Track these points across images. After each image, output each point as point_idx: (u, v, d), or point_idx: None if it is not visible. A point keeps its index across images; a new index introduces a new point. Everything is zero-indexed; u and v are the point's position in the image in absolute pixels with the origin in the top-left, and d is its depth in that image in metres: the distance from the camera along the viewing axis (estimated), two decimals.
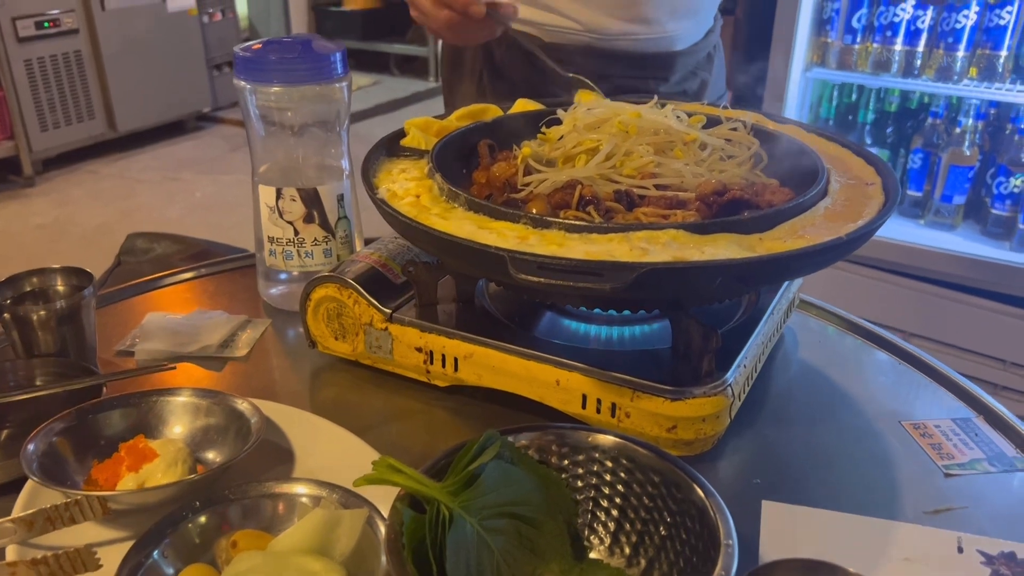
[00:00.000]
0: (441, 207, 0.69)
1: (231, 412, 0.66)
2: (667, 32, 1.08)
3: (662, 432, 0.65)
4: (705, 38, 1.14)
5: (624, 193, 0.72)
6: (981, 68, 2.05)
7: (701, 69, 1.15)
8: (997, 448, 0.69)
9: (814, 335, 0.86)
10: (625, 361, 0.68)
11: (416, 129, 0.83)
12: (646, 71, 1.08)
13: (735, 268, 0.58)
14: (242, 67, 0.81)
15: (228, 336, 0.84)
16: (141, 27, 4.29)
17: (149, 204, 3.69)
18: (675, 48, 1.10)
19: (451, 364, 0.73)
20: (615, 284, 0.55)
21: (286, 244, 0.86)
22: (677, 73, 1.12)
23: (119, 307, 0.92)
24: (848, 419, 0.73)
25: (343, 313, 0.77)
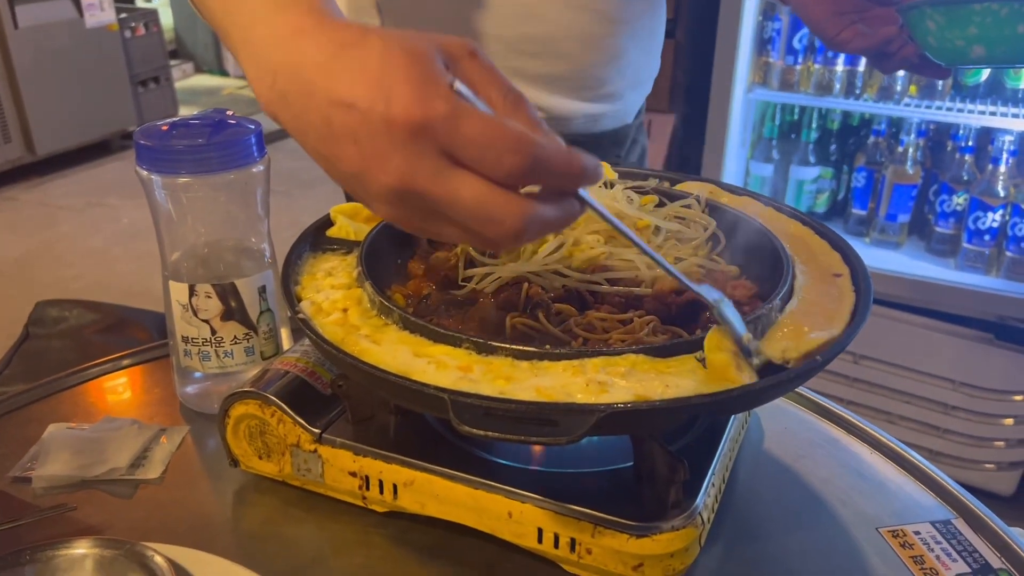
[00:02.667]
0: (372, 324, 0.61)
1: (140, 569, 0.58)
2: (625, 105, 1.03)
3: (627, 571, 0.58)
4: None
5: (575, 292, 0.66)
6: (921, 86, 2.04)
7: (639, 134, 1.10)
8: (982, 559, 0.65)
9: (779, 421, 0.81)
10: (586, 486, 0.62)
11: (343, 217, 0.75)
12: (600, 150, 1.02)
13: (703, 406, 0.52)
14: (144, 156, 0.73)
15: (140, 452, 0.75)
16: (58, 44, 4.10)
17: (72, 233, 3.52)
18: (628, 120, 1.05)
19: (390, 491, 0.65)
20: (571, 436, 0.48)
21: (202, 344, 0.77)
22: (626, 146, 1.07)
23: (17, 416, 0.83)
24: (822, 527, 0.68)
25: (267, 431, 0.69)
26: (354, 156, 0.47)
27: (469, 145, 0.44)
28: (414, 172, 0.45)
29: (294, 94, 0.48)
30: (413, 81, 0.45)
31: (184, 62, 6.39)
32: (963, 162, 2.03)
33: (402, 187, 0.46)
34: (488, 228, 0.46)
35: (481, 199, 0.45)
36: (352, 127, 0.46)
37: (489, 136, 0.44)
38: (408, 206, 0.47)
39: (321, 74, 0.47)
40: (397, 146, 0.45)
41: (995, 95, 2.03)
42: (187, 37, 6.32)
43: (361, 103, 0.45)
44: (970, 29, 0.68)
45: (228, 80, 6.32)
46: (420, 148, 0.45)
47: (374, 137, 0.45)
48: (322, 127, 0.47)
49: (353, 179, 0.48)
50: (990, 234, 1.98)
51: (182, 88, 5.71)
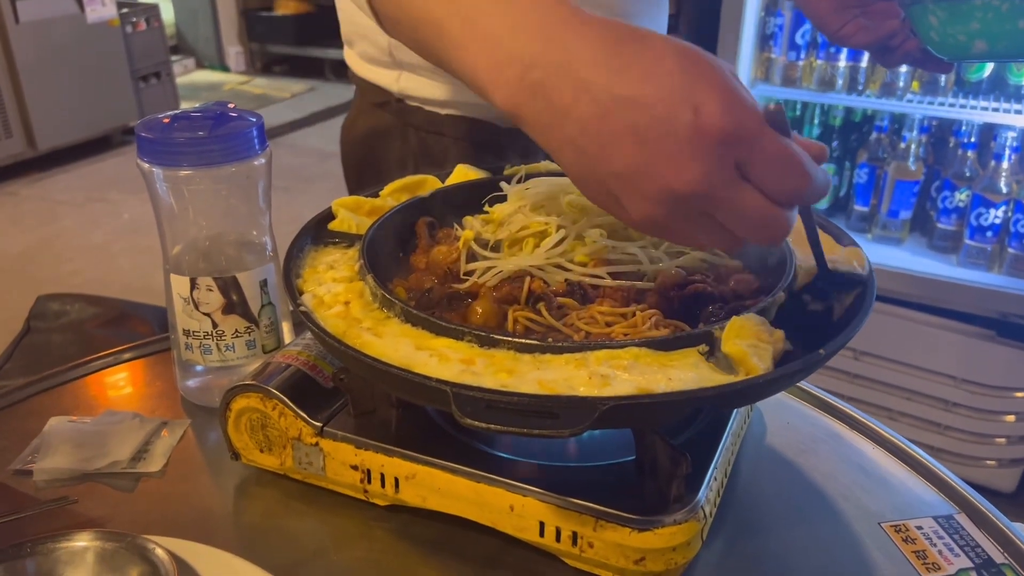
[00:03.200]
0: (373, 318, 0.61)
1: (141, 562, 0.58)
2: None
3: (629, 564, 0.58)
4: None
5: (577, 285, 0.66)
6: (924, 82, 2.04)
7: None
8: (984, 554, 0.65)
9: (781, 416, 0.81)
10: (588, 480, 0.62)
11: (345, 210, 0.75)
12: None
13: (706, 400, 0.51)
14: (146, 148, 0.72)
15: (141, 446, 0.75)
16: (59, 39, 4.10)
17: (73, 228, 3.52)
18: None
19: (391, 484, 0.65)
20: (574, 429, 0.48)
21: (203, 338, 0.77)
22: None
23: (18, 409, 0.83)
24: (825, 522, 0.68)
25: (268, 425, 0.69)
26: (634, 154, 0.47)
27: (765, 164, 0.46)
28: (711, 179, 0.46)
29: (556, 86, 0.48)
30: (722, 92, 0.45)
31: (185, 57, 6.38)
32: (965, 158, 2.02)
33: (695, 192, 0.47)
34: (761, 235, 0.49)
35: (763, 211, 0.48)
36: (640, 125, 0.46)
37: (783, 160, 0.47)
38: (679, 208, 0.48)
39: (600, 69, 0.47)
40: (698, 153, 0.46)
41: (998, 91, 2.02)
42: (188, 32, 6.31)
43: (660, 104, 0.45)
44: (972, 24, 0.68)
45: (229, 75, 6.32)
46: (721, 157, 0.46)
47: (670, 140, 0.46)
48: (592, 122, 0.47)
49: (621, 177, 0.48)
50: (992, 231, 1.98)
51: (183, 83, 5.71)
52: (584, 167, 0.50)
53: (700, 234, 0.50)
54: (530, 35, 0.49)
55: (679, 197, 0.47)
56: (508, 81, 0.50)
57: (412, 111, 1.00)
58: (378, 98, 1.03)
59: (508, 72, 0.50)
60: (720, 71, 0.47)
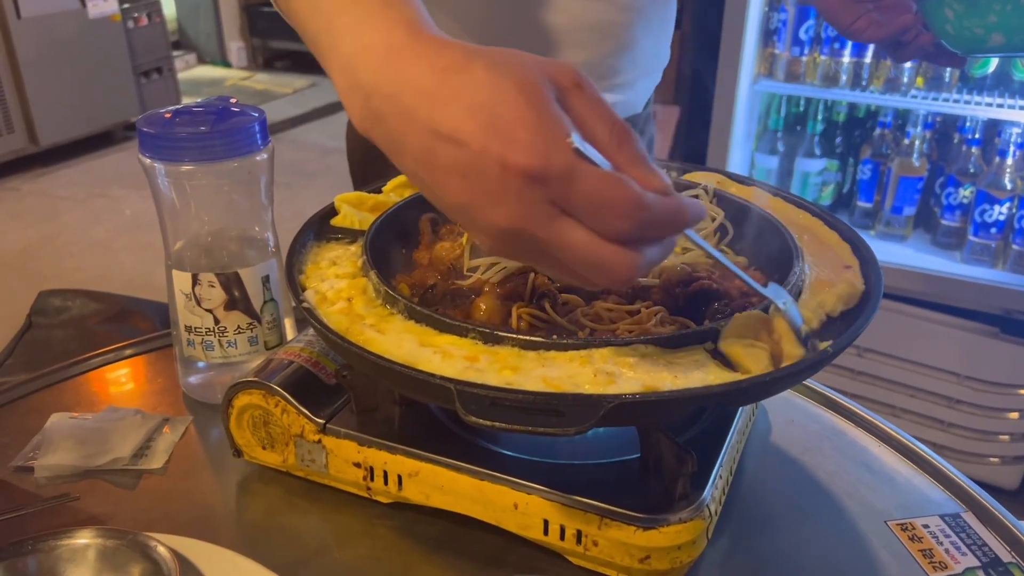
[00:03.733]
0: (377, 314, 0.61)
1: (143, 559, 0.57)
2: (636, 94, 1.02)
3: (634, 563, 0.58)
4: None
5: None
6: (928, 78, 2.03)
7: (648, 124, 1.09)
8: (992, 553, 0.64)
9: (786, 413, 0.81)
10: (592, 478, 0.61)
11: (348, 206, 0.75)
12: None
13: (712, 398, 0.51)
14: (147, 143, 0.72)
15: (143, 442, 0.75)
16: (61, 35, 4.09)
17: (75, 224, 3.51)
18: (638, 110, 1.04)
19: (394, 482, 0.65)
20: (579, 427, 0.48)
21: (205, 334, 0.77)
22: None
23: (20, 406, 0.82)
24: (830, 520, 0.67)
25: (270, 422, 0.68)
26: (460, 190, 0.46)
27: (582, 204, 0.44)
28: (526, 217, 0.45)
29: (391, 116, 0.47)
30: (531, 127, 0.44)
31: (187, 53, 6.37)
32: (970, 154, 2.01)
33: (512, 229, 0.45)
34: (598, 276, 0.47)
35: (591, 249, 0.45)
36: (460, 163, 0.45)
37: (602, 198, 0.44)
38: (516, 244, 0.47)
39: (424, 101, 0.46)
40: (510, 191, 0.44)
41: (1002, 87, 2.01)
42: (190, 28, 6.30)
43: (473, 142, 0.44)
44: (989, 17, 0.67)
45: (231, 71, 6.31)
46: (533, 196, 0.44)
47: (485, 177, 0.45)
48: (423, 155, 0.47)
49: (457, 210, 0.47)
50: (996, 227, 1.97)
51: (185, 79, 5.70)
52: (429, 196, 0.49)
53: (552, 270, 0.49)
54: (371, 61, 0.48)
55: (503, 233, 0.46)
56: (357, 106, 0.49)
57: None
58: None
59: (356, 97, 0.49)
60: (536, 104, 0.44)
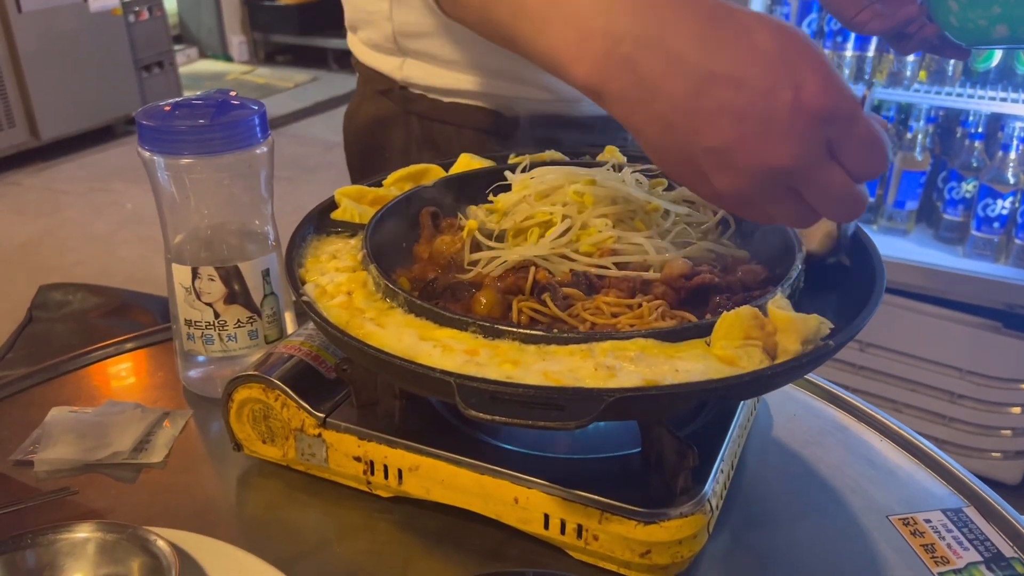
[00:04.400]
0: (376, 308, 0.60)
1: (143, 553, 0.57)
2: None
3: (634, 557, 0.58)
4: None
5: (583, 275, 0.65)
6: (931, 72, 2.02)
7: None
8: (994, 548, 0.64)
9: (788, 408, 0.80)
10: (593, 472, 0.61)
11: (348, 199, 0.74)
12: (609, 133, 1.01)
13: (714, 391, 0.51)
14: (147, 137, 0.72)
15: (142, 436, 0.75)
16: (62, 29, 4.08)
17: (76, 218, 3.51)
18: None
19: (394, 476, 0.65)
20: (579, 421, 0.47)
21: (205, 328, 0.77)
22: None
23: (20, 399, 0.82)
24: (832, 515, 0.67)
25: (270, 416, 0.68)
26: (729, 131, 0.47)
27: (855, 144, 0.48)
28: (806, 156, 0.47)
29: (648, 61, 0.48)
30: (819, 70, 0.46)
31: (188, 47, 6.36)
32: (973, 149, 2.01)
33: (789, 167, 0.47)
34: (840, 212, 0.51)
35: (847, 189, 0.49)
36: (737, 103, 0.47)
37: (871, 141, 0.48)
38: (769, 184, 0.49)
39: (694, 44, 0.47)
40: (796, 130, 0.46)
41: (1005, 81, 2.01)
42: (191, 22, 6.29)
43: (758, 82, 0.46)
44: (994, 8, 0.67)
45: (232, 65, 6.30)
46: (816, 135, 0.47)
47: (769, 117, 0.46)
48: (686, 99, 0.48)
49: (714, 152, 0.49)
50: (999, 221, 1.97)
51: (186, 73, 5.70)
52: (672, 142, 0.50)
53: (781, 210, 0.51)
54: (619, 8, 0.49)
55: (772, 172, 0.48)
56: (593, 56, 0.50)
57: (416, 99, 1.00)
58: (382, 85, 1.02)
59: (594, 46, 0.50)
60: (817, 50, 0.47)
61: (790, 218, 0.52)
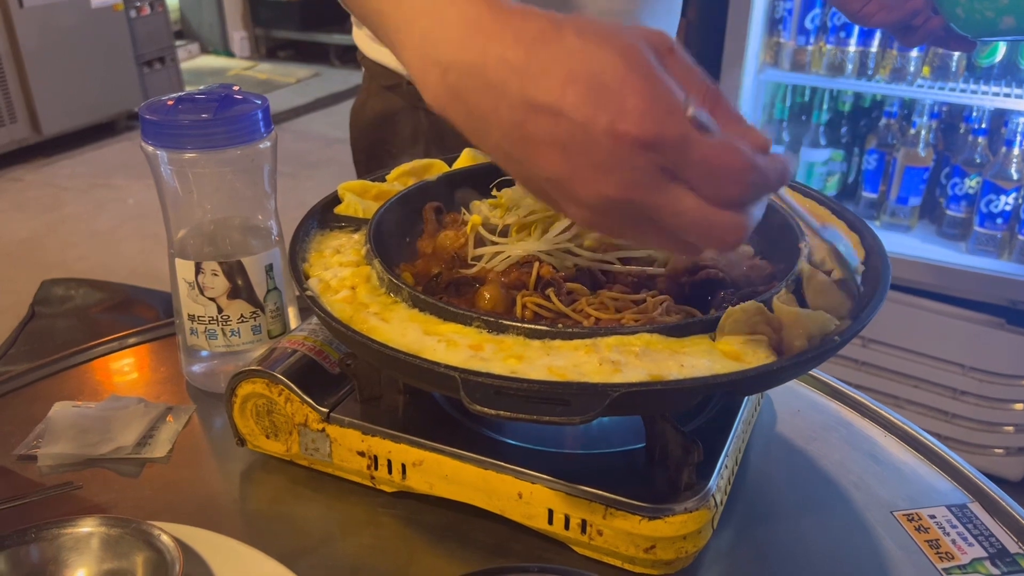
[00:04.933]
0: (380, 302, 0.60)
1: (146, 548, 0.57)
2: None
3: (639, 553, 0.58)
4: None
5: (587, 271, 0.65)
6: (935, 67, 2.02)
7: None
8: (999, 543, 0.64)
9: (791, 403, 0.80)
10: (597, 467, 0.61)
11: (351, 194, 0.74)
12: None
13: (719, 387, 0.50)
14: (149, 131, 0.72)
15: (146, 431, 0.75)
16: (64, 24, 4.08)
17: (78, 214, 3.51)
18: None
19: (398, 471, 0.64)
20: (584, 416, 0.47)
21: (208, 323, 0.77)
22: None
23: (23, 394, 0.82)
24: (836, 511, 0.67)
25: (274, 411, 0.68)
26: (557, 163, 0.45)
27: (696, 170, 0.44)
28: (637, 185, 0.44)
29: (474, 91, 0.46)
30: (641, 94, 0.43)
31: (190, 43, 6.36)
32: (976, 144, 2.00)
33: (621, 198, 0.44)
34: (709, 241, 0.46)
35: (703, 215, 0.45)
36: (560, 135, 0.44)
37: (717, 164, 0.43)
38: (616, 214, 0.46)
39: (513, 74, 0.44)
40: (621, 160, 0.43)
41: (1009, 76, 2.00)
42: (193, 17, 6.28)
43: (575, 112, 0.43)
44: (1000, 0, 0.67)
45: (234, 61, 6.30)
46: (645, 164, 0.43)
47: (590, 148, 0.43)
48: (513, 129, 0.45)
49: (553, 184, 0.46)
50: (1002, 217, 1.96)
51: (188, 69, 5.69)
52: (516, 171, 0.48)
53: (648, 238, 0.48)
54: (449, 34, 0.47)
55: (607, 202, 0.45)
56: (432, 83, 0.48)
57: None
58: (388, 80, 1.02)
59: (430, 73, 0.47)
60: (641, 70, 0.43)
61: (663, 246, 0.49)
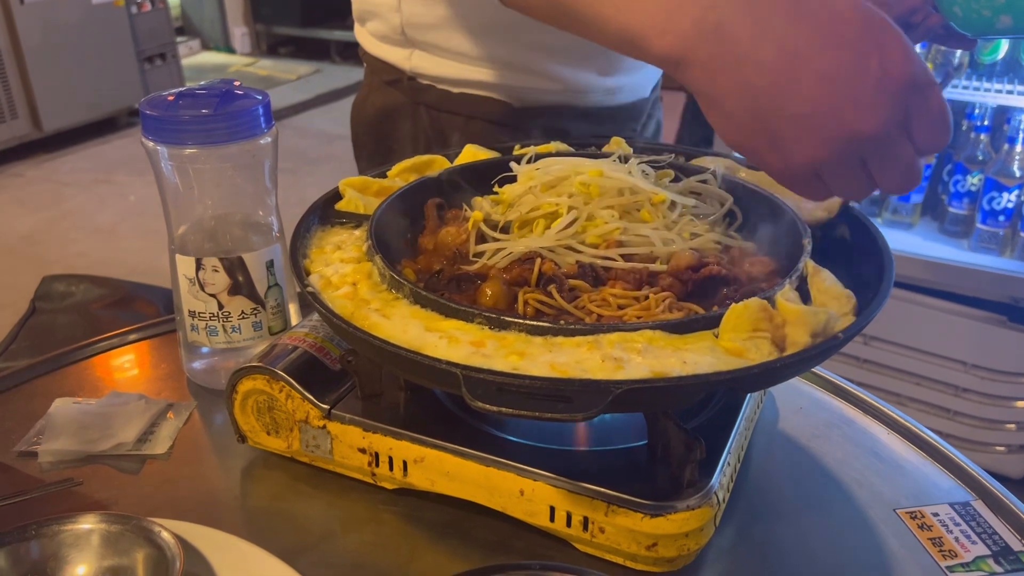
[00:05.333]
0: (382, 299, 0.60)
1: (147, 544, 0.57)
2: (643, 78, 1.01)
3: (641, 550, 0.57)
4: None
5: (589, 267, 0.65)
6: (937, 64, 2.01)
7: (655, 109, 1.08)
8: (1002, 541, 0.64)
9: (794, 401, 0.80)
10: (599, 464, 0.61)
11: (352, 190, 0.74)
12: (617, 124, 1.00)
13: (722, 384, 0.50)
14: (150, 126, 0.71)
15: (146, 428, 0.74)
16: (64, 20, 4.07)
17: (79, 210, 3.51)
18: (645, 95, 1.03)
19: (399, 468, 0.64)
20: (587, 413, 0.47)
21: (209, 319, 0.76)
22: (642, 120, 1.05)
23: (23, 391, 0.82)
24: (839, 509, 0.67)
25: (275, 407, 0.68)
26: (819, 97, 0.49)
27: (929, 115, 0.49)
28: (889, 124, 0.49)
29: (737, 27, 0.50)
30: (902, 43, 0.48)
31: (191, 39, 6.35)
32: (978, 141, 2.00)
33: (872, 135, 0.49)
34: (901, 184, 0.52)
35: (911, 160, 0.51)
36: (827, 70, 0.48)
37: (941, 114, 0.50)
38: (846, 153, 0.50)
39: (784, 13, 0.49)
40: (884, 97, 0.48)
41: (1012, 73, 1.99)
42: (194, 14, 6.27)
43: (847, 50, 0.48)
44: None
45: (235, 57, 6.29)
46: (900, 104, 0.48)
47: (858, 83, 0.48)
48: (776, 64, 0.49)
49: (799, 119, 0.50)
50: (1005, 215, 1.96)
51: (188, 65, 5.68)
52: (754, 110, 0.51)
53: (846, 182, 0.52)
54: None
55: (856, 140, 0.49)
56: (680, 26, 0.51)
57: (424, 89, 0.99)
58: (390, 76, 1.02)
59: (681, 16, 0.51)
60: (895, 25, 0.48)
61: (850, 190, 0.53)
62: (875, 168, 0.51)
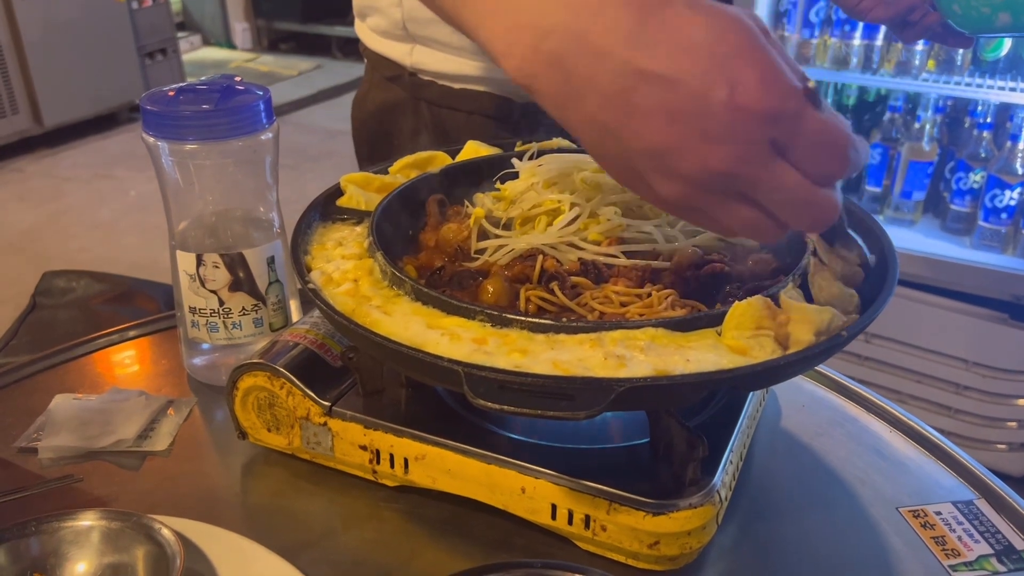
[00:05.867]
0: (383, 295, 0.60)
1: (147, 541, 0.57)
2: None
3: (643, 548, 0.57)
4: None
5: (591, 264, 0.64)
6: (940, 61, 2.00)
7: None
8: (1005, 540, 0.63)
9: (796, 398, 0.80)
10: (601, 462, 0.60)
11: (354, 186, 0.74)
12: None
13: (725, 382, 0.50)
14: (151, 122, 0.71)
15: (147, 424, 0.74)
16: (65, 15, 4.07)
17: (79, 205, 3.51)
18: None
19: (400, 465, 0.64)
20: (589, 411, 0.47)
21: (210, 315, 0.76)
22: None
23: (24, 386, 0.82)
24: (841, 507, 0.67)
25: (276, 404, 0.68)
26: (663, 133, 0.44)
27: (805, 145, 0.44)
28: (747, 157, 0.44)
29: (574, 57, 0.45)
30: (760, 67, 0.43)
31: (192, 34, 6.34)
32: (981, 139, 1.99)
33: (728, 171, 0.44)
34: (802, 219, 0.47)
35: (805, 190, 0.45)
36: (669, 103, 0.43)
37: (825, 138, 0.44)
38: (710, 188, 0.46)
39: (622, 40, 0.44)
40: (736, 131, 0.43)
41: (1015, 71, 1.99)
42: (194, 9, 6.26)
43: (692, 82, 0.43)
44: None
45: (236, 53, 6.28)
46: (757, 135, 0.43)
47: (704, 118, 0.43)
48: (616, 97, 0.44)
49: (649, 156, 0.45)
50: (1007, 212, 1.95)
51: (189, 61, 5.68)
52: (606, 144, 0.47)
53: (734, 218, 0.47)
54: (553, 3, 0.46)
55: (712, 176, 0.44)
56: (522, 50, 0.46)
57: (425, 85, 0.99)
58: (390, 72, 1.01)
59: (522, 39, 0.46)
60: (756, 43, 0.43)
61: (748, 229, 0.48)
62: (762, 202, 0.46)
